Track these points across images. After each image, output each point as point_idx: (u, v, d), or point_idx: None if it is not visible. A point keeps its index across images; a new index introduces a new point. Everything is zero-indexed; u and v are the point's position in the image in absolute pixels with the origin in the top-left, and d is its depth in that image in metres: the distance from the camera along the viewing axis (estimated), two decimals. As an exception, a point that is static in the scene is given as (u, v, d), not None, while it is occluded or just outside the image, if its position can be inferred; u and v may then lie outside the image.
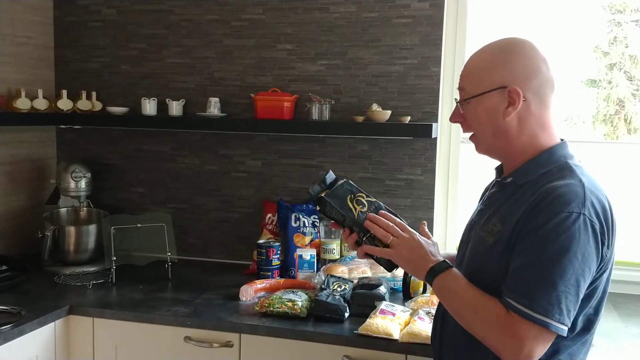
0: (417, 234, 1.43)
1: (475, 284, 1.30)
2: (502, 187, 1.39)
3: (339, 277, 2.20)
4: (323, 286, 2.11)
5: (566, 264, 1.17)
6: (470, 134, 1.39)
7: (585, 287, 1.20)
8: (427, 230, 1.49)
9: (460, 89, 1.37)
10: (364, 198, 1.51)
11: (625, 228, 2.45)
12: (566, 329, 1.18)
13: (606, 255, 1.23)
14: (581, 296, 1.20)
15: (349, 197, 1.49)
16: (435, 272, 1.34)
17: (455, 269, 1.35)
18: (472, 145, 1.43)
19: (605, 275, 1.27)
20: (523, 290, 1.19)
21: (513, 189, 1.33)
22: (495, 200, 1.39)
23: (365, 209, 1.48)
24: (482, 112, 1.32)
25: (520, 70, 1.29)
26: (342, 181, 1.54)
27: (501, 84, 1.29)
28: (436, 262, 1.35)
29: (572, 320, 1.19)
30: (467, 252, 1.40)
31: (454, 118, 1.39)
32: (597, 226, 1.20)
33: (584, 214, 1.18)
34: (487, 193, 1.49)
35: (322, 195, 1.49)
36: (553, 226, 1.18)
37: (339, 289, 2.09)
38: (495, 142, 1.34)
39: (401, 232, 1.42)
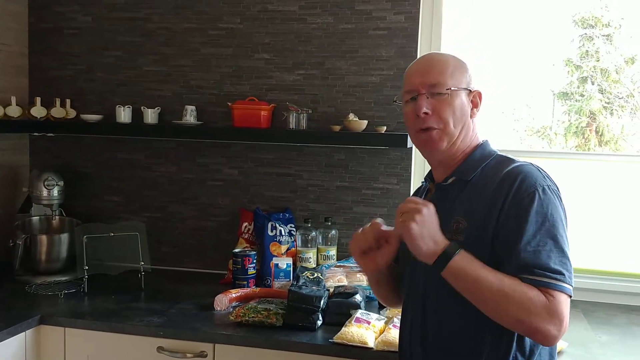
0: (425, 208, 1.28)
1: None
2: (443, 189, 1.43)
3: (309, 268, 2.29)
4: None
5: (562, 231, 1.27)
6: (428, 127, 1.38)
7: None
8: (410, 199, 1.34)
9: (432, 84, 1.39)
10: None
11: (595, 237, 2.51)
12: None
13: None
14: None
15: None
16: (448, 255, 1.25)
17: (461, 252, 1.26)
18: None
19: None
20: (549, 265, 1.22)
21: (460, 186, 1.40)
22: (440, 203, 1.37)
23: None
24: (457, 106, 1.39)
25: (474, 79, 1.44)
26: None
27: (468, 86, 1.42)
28: (445, 245, 1.26)
29: None
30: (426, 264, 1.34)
31: (425, 107, 1.37)
32: (561, 194, 1.33)
33: (548, 185, 1.31)
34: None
35: None
36: (537, 203, 1.26)
37: (311, 277, 2.14)
38: (458, 137, 1.41)
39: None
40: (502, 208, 1.29)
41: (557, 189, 1.33)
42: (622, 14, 2.55)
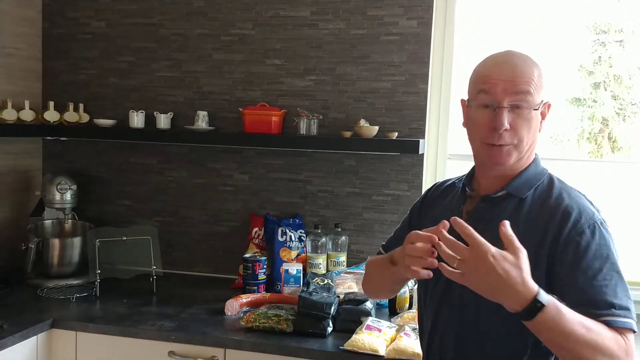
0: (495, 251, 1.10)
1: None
2: (492, 202, 1.35)
3: (319, 275, 2.29)
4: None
5: (619, 267, 1.24)
6: (503, 143, 1.29)
7: None
8: (509, 232, 1.12)
9: (525, 92, 1.28)
10: None
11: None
12: None
13: None
14: None
15: None
16: (537, 308, 1.10)
17: (551, 298, 1.13)
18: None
19: None
20: (619, 302, 1.19)
21: (514, 203, 1.33)
22: (491, 215, 1.31)
23: None
24: (533, 121, 1.31)
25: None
26: None
27: (544, 98, 1.33)
28: (531, 295, 1.10)
29: None
30: None
31: (506, 123, 1.26)
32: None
33: (603, 219, 1.29)
34: (457, 208, 1.40)
35: None
36: (599, 236, 1.24)
37: (321, 283, 2.14)
38: (525, 153, 1.33)
39: (468, 252, 1.11)
40: (558, 240, 1.24)
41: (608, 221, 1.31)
42: (635, 20, 2.54)
